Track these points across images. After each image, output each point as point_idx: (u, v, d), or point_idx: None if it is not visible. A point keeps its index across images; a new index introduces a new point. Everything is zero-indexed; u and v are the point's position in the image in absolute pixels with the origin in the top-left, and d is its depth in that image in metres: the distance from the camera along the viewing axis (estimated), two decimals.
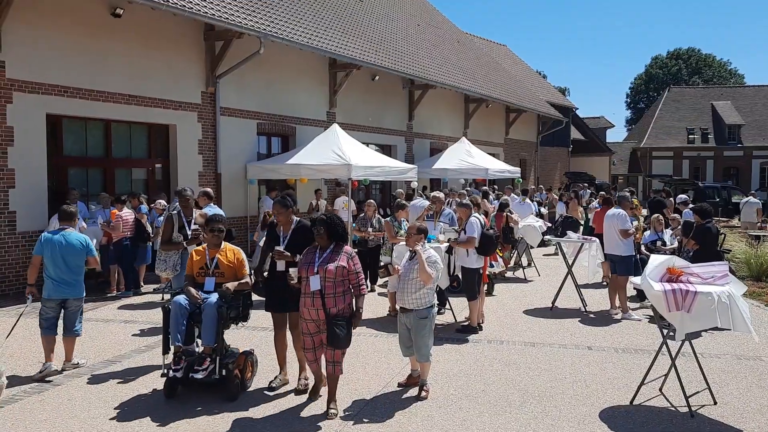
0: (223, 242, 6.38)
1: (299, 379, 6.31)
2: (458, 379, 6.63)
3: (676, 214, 13.05)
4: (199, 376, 5.83)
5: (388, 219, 10.53)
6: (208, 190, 9.91)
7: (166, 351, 6.13)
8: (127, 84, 12.53)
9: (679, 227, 11.44)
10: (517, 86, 31.06)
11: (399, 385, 6.39)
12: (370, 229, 11.22)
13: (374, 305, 10.18)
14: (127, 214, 11.22)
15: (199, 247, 6.45)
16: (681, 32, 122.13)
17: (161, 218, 11.74)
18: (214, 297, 6.06)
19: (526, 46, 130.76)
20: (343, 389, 6.28)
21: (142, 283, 11.57)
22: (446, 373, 6.84)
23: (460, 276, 9.02)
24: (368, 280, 10.88)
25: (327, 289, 5.45)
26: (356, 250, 10.27)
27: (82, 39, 11.70)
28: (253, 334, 8.39)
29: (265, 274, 6.33)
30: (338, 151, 14.42)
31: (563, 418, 5.60)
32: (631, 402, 5.96)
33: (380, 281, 11.51)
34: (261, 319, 7.95)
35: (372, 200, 12.03)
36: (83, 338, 7.48)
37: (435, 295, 6.32)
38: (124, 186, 13.19)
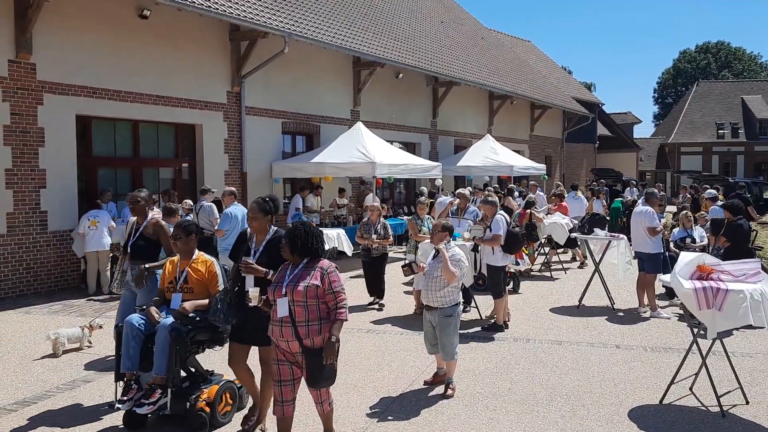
0: (197, 252, 5.51)
1: (251, 422, 5.24)
2: (484, 378, 6.60)
3: (703, 212, 12.83)
4: (143, 410, 4.99)
5: (411, 217, 10.50)
6: (233, 189, 10.03)
7: (118, 378, 5.30)
8: (154, 84, 12.70)
9: (707, 224, 11.27)
10: (542, 82, 30.80)
11: (425, 383, 6.38)
12: (374, 236, 9.88)
13: (400, 303, 10.19)
14: (155, 213, 11.34)
15: (174, 258, 5.59)
16: (710, 25, 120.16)
17: (188, 218, 11.89)
18: (170, 318, 5.17)
19: (551, 41, 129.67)
20: (369, 387, 6.31)
21: None
22: (472, 371, 6.82)
23: (486, 274, 8.98)
24: (375, 296, 10.05)
25: (297, 315, 4.37)
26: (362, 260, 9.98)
27: (109, 40, 11.88)
28: None
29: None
30: (362, 149, 14.47)
31: (591, 417, 5.55)
32: (661, 401, 5.88)
33: (406, 279, 11.50)
34: None
35: (376, 204, 10.73)
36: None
37: (460, 293, 6.30)
38: (151, 185, 13.34)
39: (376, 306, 9.95)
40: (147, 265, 5.93)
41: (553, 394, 6.10)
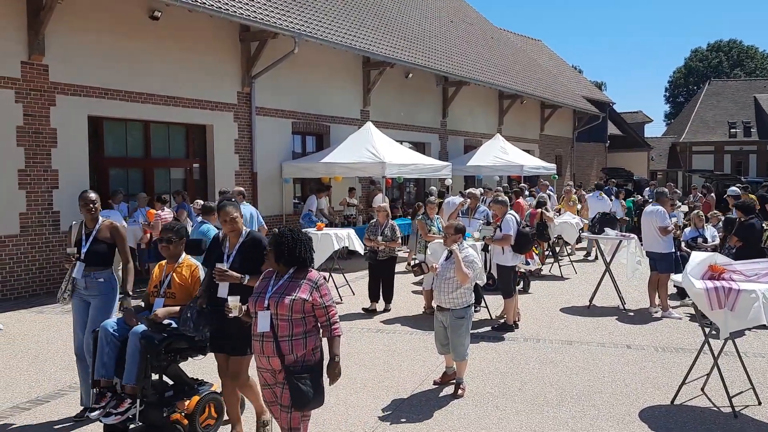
0: (183, 255, 5.29)
1: None
2: (494, 378, 6.59)
3: (716, 211, 12.75)
4: (109, 421, 4.75)
5: (420, 217, 10.50)
6: (242, 189, 10.06)
7: (94, 384, 5.02)
8: (165, 85, 12.77)
9: (720, 224, 11.20)
10: (552, 81, 30.70)
11: (434, 383, 6.38)
12: (379, 238, 9.50)
13: (409, 302, 10.19)
14: (166, 213, 11.42)
15: (162, 261, 5.40)
16: (722, 24, 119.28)
17: (199, 218, 11.95)
18: (142, 325, 4.94)
19: (561, 40, 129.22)
20: (379, 387, 6.32)
21: None
22: (482, 371, 6.81)
23: (495, 274, 8.97)
24: (383, 300, 9.70)
25: (281, 330, 3.97)
26: (368, 263, 9.69)
27: (121, 42, 11.95)
28: None
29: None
30: (372, 149, 14.49)
31: (602, 418, 5.53)
32: (672, 402, 5.86)
33: (415, 279, 11.50)
34: None
35: (385, 204, 10.32)
36: None
37: (472, 295, 6.30)
38: (162, 186, 13.45)
39: (377, 310, 9.57)
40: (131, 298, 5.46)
41: (563, 395, 6.08)
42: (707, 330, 6.08)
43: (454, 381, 6.23)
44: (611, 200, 16.40)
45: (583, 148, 34.89)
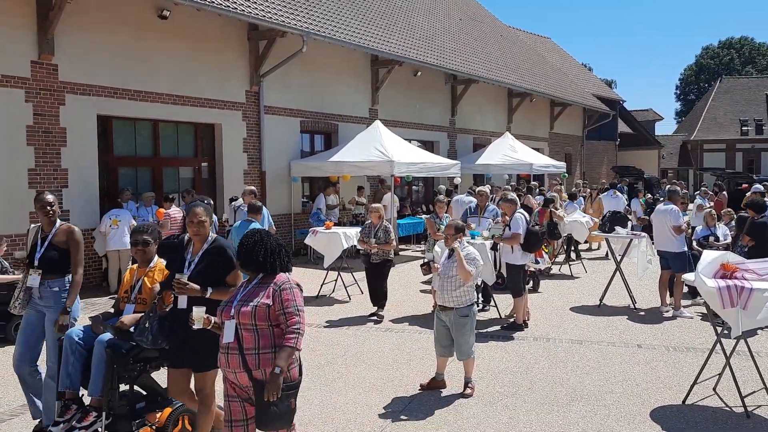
0: (155, 259, 5.01)
1: None
2: (504, 377, 6.56)
3: (729, 209, 12.63)
4: None
5: (429, 216, 10.46)
6: (253, 188, 10.07)
7: (59, 396, 4.77)
8: (174, 84, 12.80)
9: (732, 222, 11.10)
10: (561, 79, 30.56)
11: (420, 386, 6.24)
12: (372, 240, 9.07)
13: (417, 302, 10.16)
14: (175, 212, 11.46)
15: (134, 265, 5.12)
16: (733, 21, 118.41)
17: (233, 218, 12.01)
18: (108, 333, 4.65)
19: (571, 38, 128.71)
20: (387, 386, 6.30)
21: None
22: (491, 370, 6.77)
23: (505, 273, 8.93)
24: (377, 306, 9.22)
25: (245, 341, 3.69)
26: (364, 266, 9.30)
27: (130, 41, 11.99)
28: None
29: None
30: (381, 148, 14.47)
31: (612, 417, 5.48)
32: (684, 401, 5.80)
33: (424, 278, 11.47)
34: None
35: (379, 204, 9.81)
36: None
37: (475, 293, 6.25)
38: (171, 185, 13.48)
39: (374, 318, 9.07)
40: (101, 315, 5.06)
41: (573, 394, 6.04)
42: (719, 329, 6.01)
43: (444, 386, 6.18)
44: (628, 199, 16.29)
45: (593, 147, 34.72)
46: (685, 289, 10.16)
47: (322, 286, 10.93)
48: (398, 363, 7.06)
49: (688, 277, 6.26)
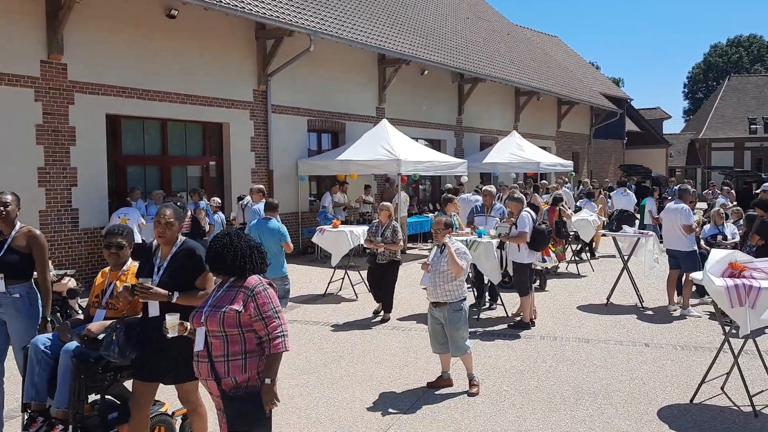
0: (129, 262, 4.72)
1: None
2: (510, 375, 6.56)
3: (738, 207, 12.58)
4: None
5: (437, 214, 10.46)
6: (261, 186, 10.10)
7: (24, 408, 4.48)
8: (182, 83, 12.85)
9: (741, 221, 11.05)
10: (569, 78, 30.49)
11: (428, 384, 6.27)
12: (378, 239, 8.86)
13: (424, 300, 10.09)
14: (193, 214, 11.52)
15: (105, 268, 4.81)
16: (742, 18, 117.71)
17: (216, 216, 12.05)
18: (75, 342, 4.35)
19: (578, 36, 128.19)
20: (395, 384, 6.32)
21: None
22: (498, 368, 6.78)
23: (511, 272, 8.93)
24: (382, 308, 9.08)
25: (214, 349, 3.56)
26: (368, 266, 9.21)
27: (138, 40, 12.05)
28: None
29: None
30: (387, 147, 14.49)
31: (619, 416, 5.48)
32: (691, 400, 5.79)
33: None
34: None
35: (389, 203, 9.64)
36: None
37: (466, 288, 6.24)
38: (179, 183, 13.54)
39: (380, 318, 8.97)
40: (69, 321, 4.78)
41: (580, 393, 6.04)
42: (727, 328, 6.00)
43: (450, 384, 6.17)
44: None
45: (601, 145, 34.62)
46: (693, 288, 10.14)
47: (329, 284, 10.96)
48: (405, 361, 7.07)
49: (696, 275, 6.25)
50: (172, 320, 3.74)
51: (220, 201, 12.64)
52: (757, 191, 17.45)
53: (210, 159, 14.16)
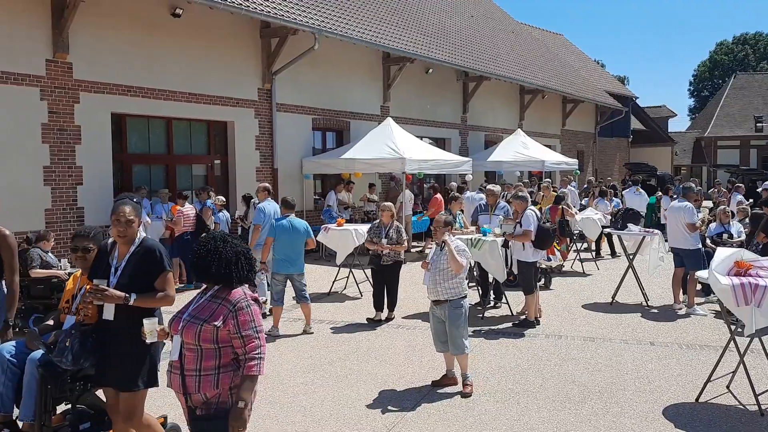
0: None
1: None
2: (516, 374, 6.56)
3: (744, 205, 12.54)
4: None
5: (443, 212, 10.44)
6: (267, 185, 10.09)
7: None
8: (187, 82, 12.87)
9: (747, 219, 11.01)
10: (573, 76, 30.42)
11: (432, 383, 6.27)
12: (384, 241, 8.65)
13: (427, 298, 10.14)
14: (187, 209, 11.55)
15: (77, 272, 4.55)
16: (747, 16, 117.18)
17: (221, 214, 12.07)
18: (41, 350, 4.11)
19: (583, 34, 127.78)
20: (399, 382, 6.32)
21: None
22: (503, 367, 6.78)
23: (516, 270, 8.92)
24: (387, 308, 8.90)
25: (187, 362, 3.30)
26: (370, 267, 9.08)
27: (143, 39, 12.07)
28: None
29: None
30: (392, 145, 14.49)
31: (625, 415, 5.47)
32: (697, 399, 5.78)
33: None
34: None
35: (390, 203, 9.43)
36: None
37: (466, 286, 6.23)
38: (185, 182, 13.57)
39: (382, 320, 8.77)
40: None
41: (585, 391, 6.03)
42: (733, 327, 5.99)
43: (455, 382, 6.16)
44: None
45: (606, 143, 34.54)
46: (699, 287, 10.11)
47: (333, 282, 10.97)
48: (410, 359, 7.08)
49: (702, 274, 6.23)
50: (150, 325, 3.50)
51: (224, 199, 12.66)
52: (759, 189, 17.40)
53: (215, 157, 14.18)
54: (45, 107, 10.68)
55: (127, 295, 3.84)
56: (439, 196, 15.33)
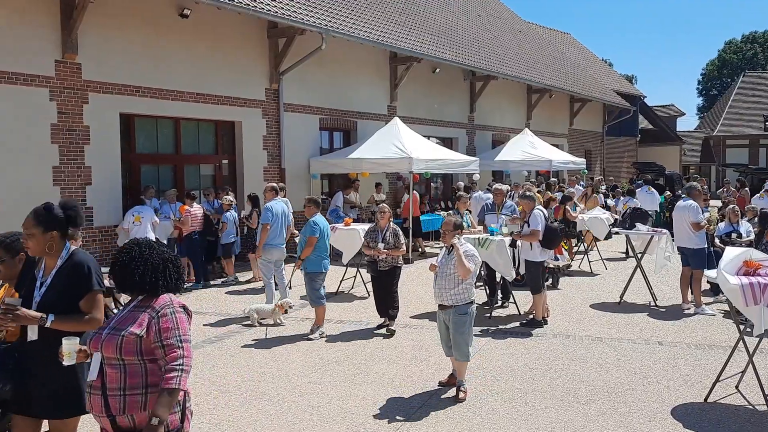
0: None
1: None
2: (523, 374, 6.55)
3: (754, 205, 12.47)
4: None
5: (450, 212, 10.44)
6: (274, 185, 10.09)
7: None
8: (195, 83, 12.92)
9: (756, 219, 10.96)
10: (581, 75, 30.33)
11: (439, 383, 6.24)
12: (381, 245, 8.19)
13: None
14: (195, 209, 11.59)
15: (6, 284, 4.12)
16: (756, 15, 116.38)
17: (227, 214, 12.11)
18: None
19: (590, 33, 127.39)
20: (406, 383, 6.33)
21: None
22: (511, 367, 6.77)
23: (523, 270, 8.91)
24: (385, 317, 8.33)
25: (109, 380, 2.96)
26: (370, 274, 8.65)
27: (151, 40, 12.12)
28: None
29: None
30: (399, 145, 14.48)
31: (633, 415, 5.46)
32: (706, 399, 5.76)
33: None
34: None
35: (386, 205, 9.02)
36: None
37: (474, 291, 6.06)
38: (193, 182, 13.62)
39: (384, 331, 8.21)
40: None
41: (593, 391, 6.02)
42: (742, 327, 5.96)
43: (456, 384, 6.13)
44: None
45: (614, 143, 34.42)
46: (707, 286, 10.07)
47: (341, 282, 10.99)
48: (417, 359, 7.08)
49: (711, 273, 6.21)
50: (69, 345, 3.14)
51: (232, 199, 12.69)
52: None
53: (222, 157, 14.23)
54: (54, 108, 10.74)
55: (43, 315, 3.39)
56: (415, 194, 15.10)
